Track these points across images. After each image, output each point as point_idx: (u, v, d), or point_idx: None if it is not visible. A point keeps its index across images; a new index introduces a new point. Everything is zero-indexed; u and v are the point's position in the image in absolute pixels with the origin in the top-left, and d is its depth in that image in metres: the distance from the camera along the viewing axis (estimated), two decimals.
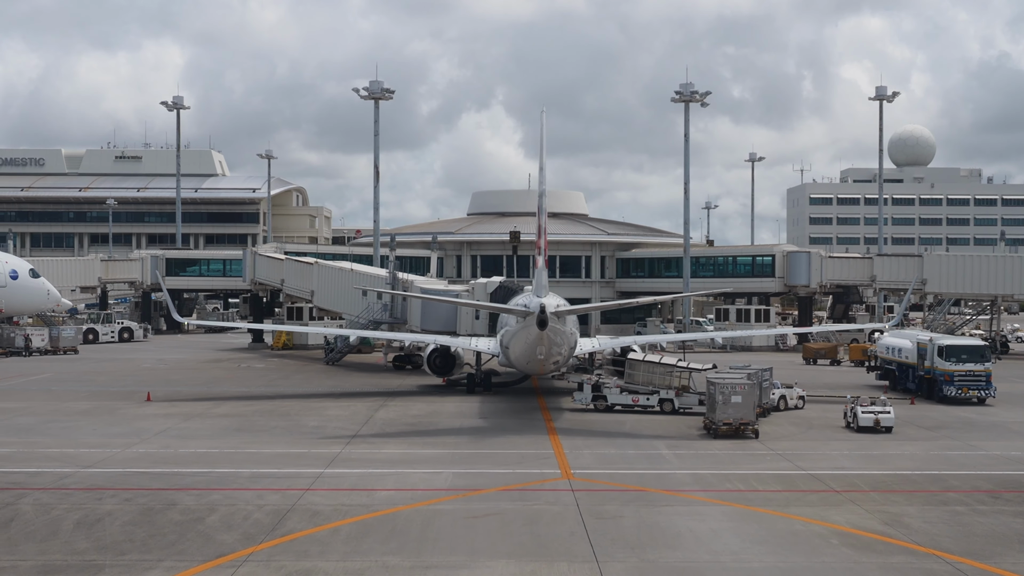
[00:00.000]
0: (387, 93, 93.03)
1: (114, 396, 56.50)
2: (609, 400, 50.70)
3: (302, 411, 50.82)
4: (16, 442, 40.96)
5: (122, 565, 23.82)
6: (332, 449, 39.66)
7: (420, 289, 71.66)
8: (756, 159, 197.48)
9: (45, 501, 30.19)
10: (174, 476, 34.17)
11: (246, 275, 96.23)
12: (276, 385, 63.33)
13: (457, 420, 48.39)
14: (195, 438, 42.31)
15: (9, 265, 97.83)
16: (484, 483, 33.31)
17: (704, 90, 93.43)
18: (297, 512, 28.92)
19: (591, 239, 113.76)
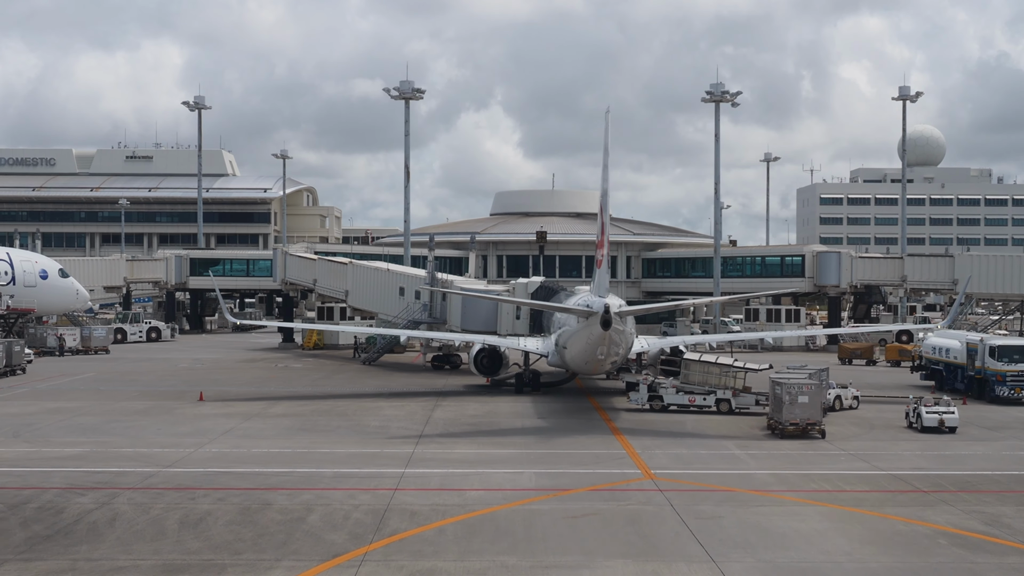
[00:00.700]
0: (417, 93, 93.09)
1: (165, 396, 56.55)
2: (665, 400, 50.73)
3: (358, 411, 50.85)
4: (87, 442, 41.01)
5: (243, 564, 23.85)
6: (404, 449, 39.69)
7: (461, 289, 71.75)
8: (771, 159, 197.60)
9: (140, 501, 30.23)
10: (258, 476, 34.20)
11: (276, 275, 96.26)
12: (322, 385, 63.36)
13: (517, 420, 48.40)
14: (262, 438, 42.35)
15: (39, 265, 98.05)
16: (569, 483, 33.33)
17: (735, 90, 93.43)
18: (395, 512, 28.93)
19: (617, 239, 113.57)
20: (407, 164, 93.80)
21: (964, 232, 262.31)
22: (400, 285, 77.27)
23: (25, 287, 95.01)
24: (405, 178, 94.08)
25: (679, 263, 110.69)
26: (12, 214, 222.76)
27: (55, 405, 52.23)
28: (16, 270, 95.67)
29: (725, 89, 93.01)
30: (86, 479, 33.40)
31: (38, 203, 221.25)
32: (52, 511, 28.87)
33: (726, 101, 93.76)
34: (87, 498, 30.52)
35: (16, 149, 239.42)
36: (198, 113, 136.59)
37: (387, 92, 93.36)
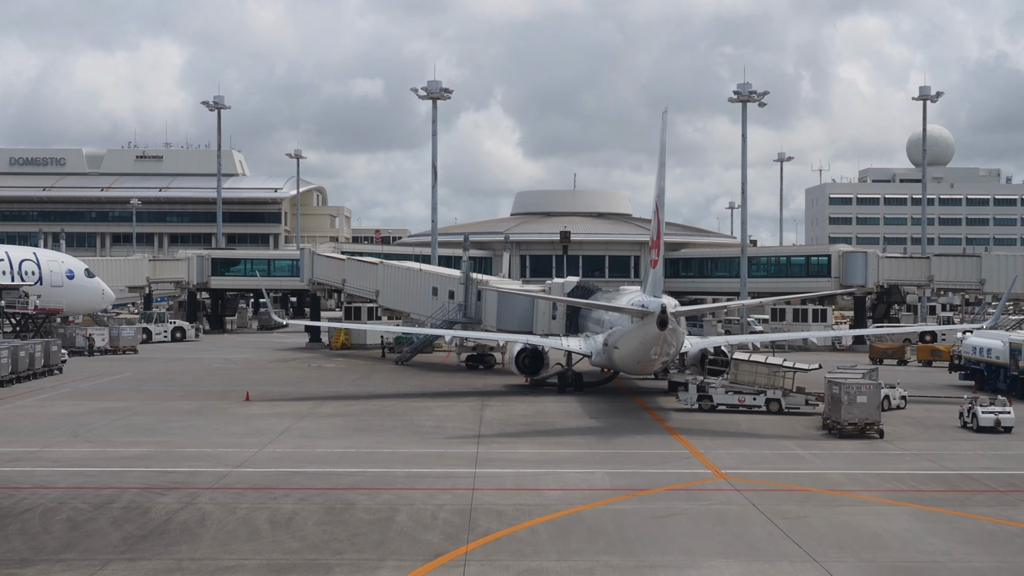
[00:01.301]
0: (445, 93, 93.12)
1: (209, 396, 56.60)
2: (714, 400, 50.76)
3: (407, 411, 50.88)
4: (148, 441, 41.07)
5: (348, 564, 23.90)
6: (467, 449, 39.75)
7: (496, 289, 71.78)
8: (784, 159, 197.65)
9: (223, 501, 30.29)
10: (331, 476, 34.25)
11: (304, 275, 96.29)
12: (362, 385, 63.39)
13: (569, 420, 48.43)
14: (321, 438, 42.38)
15: (65, 265, 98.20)
16: (643, 483, 33.36)
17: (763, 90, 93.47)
18: (480, 512, 28.96)
19: (640, 239, 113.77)
20: (435, 164, 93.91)
21: (973, 232, 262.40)
22: (433, 285, 77.31)
23: (52, 287, 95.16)
24: (432, 178, 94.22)
25: (703, 263, 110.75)
26: (23, 214, 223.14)
27: (103, 405, 52.28)
28: (43, 270, 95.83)
29: (752, 89, 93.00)
30: (161, 479, 33.45)
31: (48, 203, 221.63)
32: (138, 511, 28.92)
33: (753, 101, 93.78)
34: (169, 498, 30.58)
35: (26, 149, 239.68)
36: (217, 113, 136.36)
37: (415, 92, 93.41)
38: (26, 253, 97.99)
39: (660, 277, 47.47)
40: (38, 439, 41.57)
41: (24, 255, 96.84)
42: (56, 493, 31.18)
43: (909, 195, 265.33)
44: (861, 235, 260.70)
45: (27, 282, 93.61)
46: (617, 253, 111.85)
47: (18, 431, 43.78)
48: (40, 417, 47.96)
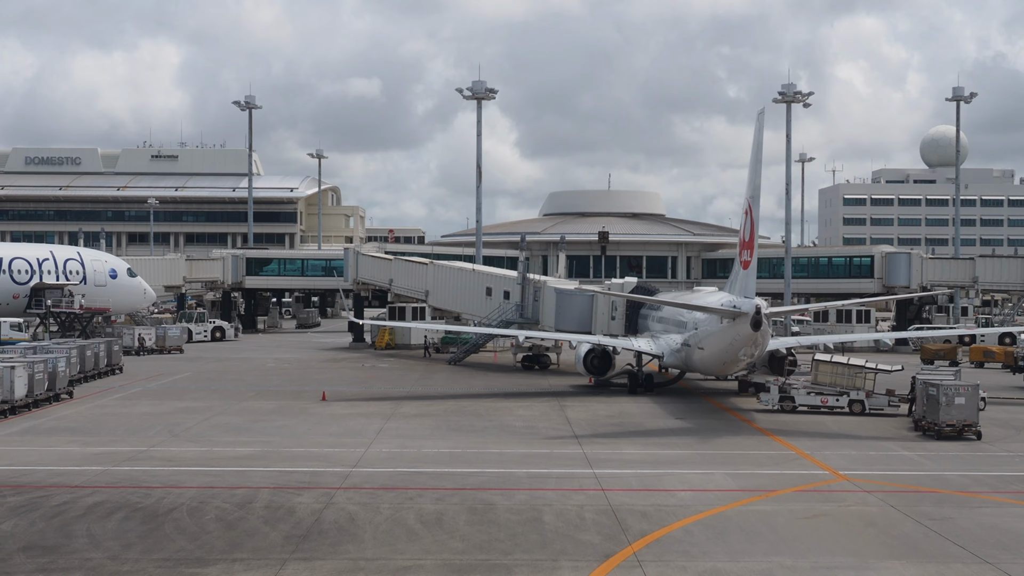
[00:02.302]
0: (490, 93, 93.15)
1: (282, 396, 56.67)
2: (796, 401, 50.79)
3: (489, 411, 50.90)
4: (250, 441, 41.11)
5: (525, 564, 23.92)
6: (571, 449, 39.80)
7: (555, 289, 71.90)
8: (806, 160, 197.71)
9: (361, 500, 30.31)
10: (454, 476, 34.28)
11: (347, 274, 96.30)
12: (428, 385, 63.38)
13: (655, 421, 48.44)
14: (419, 438, 42.40)
15: (108, 264, 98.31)
16: (767, 484, 33.41)
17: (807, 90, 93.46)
18: (624, 512, 28.98)
19: (677, 239, 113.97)
20: (479, 164, 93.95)
21: (987, 233, 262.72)
22: (487, 285, 77.36)
23: (96, 286, 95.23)
24: (477, 178, 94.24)
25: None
26: (39, 213, 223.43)
27: (183, 405, 52.30)
28: (87, 269, 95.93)
29: (797, 90, 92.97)
30: (286, 479, 33.47)
31: (65, 202, 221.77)
32: (283, 510, 28.95)
33: (797, 102, 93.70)
34: (305, 498, 30.61)
35: (41, 148, 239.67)
36: (248, 113, 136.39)
37: (459, 92, 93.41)
38: (70, 252, 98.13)
39: (753, 278, 47.41)
40: (138, 438, 41.61)
41: (68, 254, 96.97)
42: (191, 492, 31.21)
43: (923, 196, 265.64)
44: (875, 236, 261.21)
45: (72, 281, 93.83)
46: (655, 253, 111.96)
47: (114, 430, 43.82)
48: (127, 416, 47.98)
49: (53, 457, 37.25)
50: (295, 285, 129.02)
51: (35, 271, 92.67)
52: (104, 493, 30.98)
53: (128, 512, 28.55)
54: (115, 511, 28.63)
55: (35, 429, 44.21)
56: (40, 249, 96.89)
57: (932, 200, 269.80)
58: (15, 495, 30.61)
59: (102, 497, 30.39)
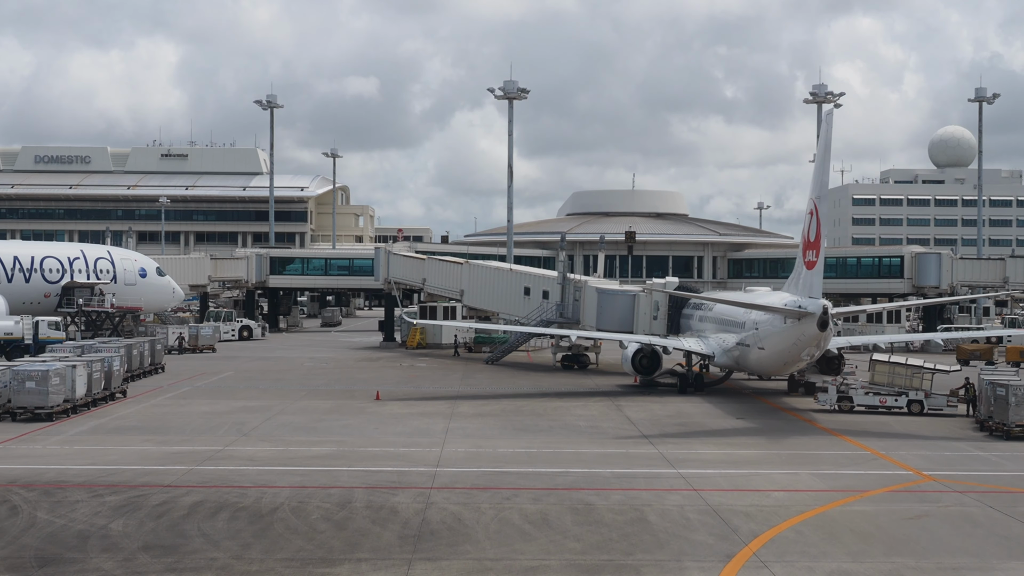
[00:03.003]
0: (522, 93, 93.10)
1: (334, 395, 56.73)
2: (855, 401, 50.79)
3: (548, 411, 50.90)
4: (322, 441, 41.10)
5: (651, 564, 23.92)
6: (646, 449, 39.83)
7: (596, 289, 71.91)
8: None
9: (460, 500, 30.30)
10: (541, 476, 34.27)
11: (379, 274, 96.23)
12: (475, 385, 63.30)
13: (717, 420, 48.44)
14: (489, 437, 42.39)
15: (138, 263, 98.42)
16: (856, 484, 33.43)
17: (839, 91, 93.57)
18: (727, 512, 28.95)
19: (703, 239, 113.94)
20: (510, 164, 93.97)
21: (996, 233, 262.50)
22: (525, 285, 77.36)
23: (126, 285, 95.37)
24: (508, 177, 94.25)
25: (768, 263, 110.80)
26: (49, 212, 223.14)
27: (239, 404, 52.27)
28: (117, 268, 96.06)
29: (829, 91, 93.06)
30: (375, 479, 33.44)
31: (75, 201, 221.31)
32: (386, 510, 28.94)
33: (829, 102, 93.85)
34: (402, 497, 30.60)
35: (51, 147, 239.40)
36: (271, 112, 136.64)
37: (491, 92, 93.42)
38: (101, 252, 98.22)
39: (819, 278, 47.37)
40: (209, 438, 41.60)
41: (99, 253, 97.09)
42: (286, 492, 31.20)
43: (932, 196, 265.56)
44: (884, 236, 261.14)
45: (102, 280, 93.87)
46: (680, 253, 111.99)
47: (181, 430, 43.80)
48: (189, 416, 47.94)
49: (133, 456, 37.22)
50: (319, 284, 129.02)
51: (66, 270, 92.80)
52: (200, 493, 30.96)
53: (232, 512, 28.52)
54: (218, 511, 28.60)
55: (102, 428, 44.20)
56: (71, 248, 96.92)
57: (941, 200, 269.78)
58: (112, 494, 30.58)
59: (199, 497, 30.37)
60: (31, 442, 40.27)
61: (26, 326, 75.90)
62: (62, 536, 25.93)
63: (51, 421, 45.04)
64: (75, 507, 28.96)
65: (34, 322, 76.42)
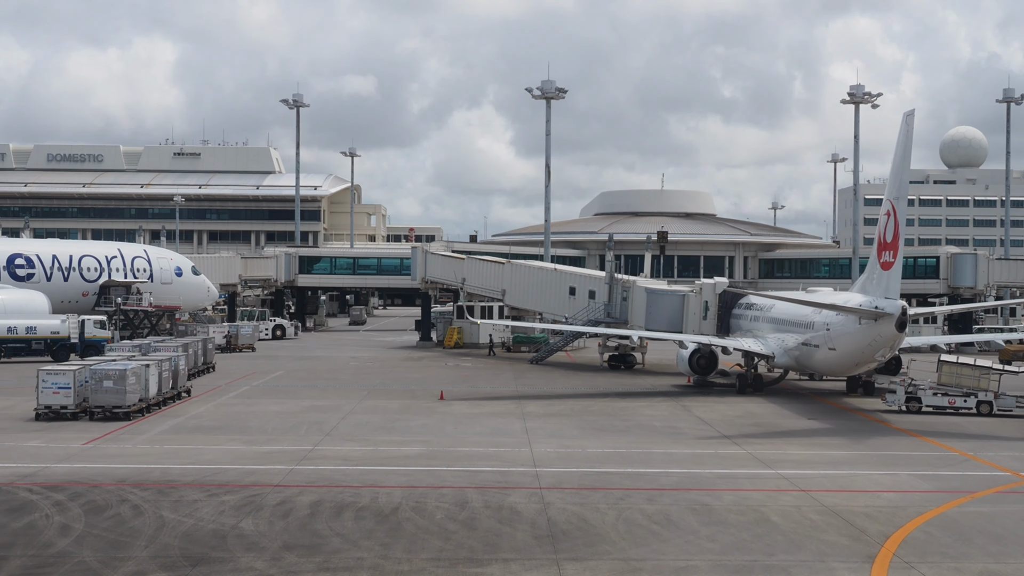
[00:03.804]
0: (560, 92, 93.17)
1: (397, 395, 56.81)
2: (923, 402, 50.82)
3: (617, 411, 50.96)
4: (408, 441, 41.14)
5: (797, 564, 23.94)
6: (732, 449, 39.88)
7: (645, 288, 71.96)
8: (838, 160, 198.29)
9: (575, 500, 30.34)
10: (643, 476, 34.33)
11: (415, 273, 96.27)
12: (531, 385, 63.36)
13: (790, 421, 48.45)
14: (572, 438, 42.43)
15: (174, 262, 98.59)
16: (960, 485, 33.48)
17: (876, 91, 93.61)
18: (846, 513, 28.97)
19: (734, 239, 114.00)
20: (548, 163, 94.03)
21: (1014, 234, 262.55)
22: (571, 284, 77.43)
23: (162, 284, 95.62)
24: (546, 177, 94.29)
25: (799, 264, 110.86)
26: (62, 210, 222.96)
27: (307, 403, 52.31)
28: (153, 267, 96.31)
29: (867, 91, 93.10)
30: (479, 478, 33.46)
31: (88, 199, 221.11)
32: (507, 510, 28.98)
33: (866, 102, 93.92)
34: (516, 497, 30.64)
35: (64, 145, 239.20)
36: (296, 111, 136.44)
37: (529, 92, 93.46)
38: (137, 250, 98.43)
39: (896, 278, 47.37)
40: (294, 438, 41.68)
41: (136, 252, 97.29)
42: (399, 492, 31.23)
43: (944, 196, 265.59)
44: None
45: (139, 279, 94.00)
46: (712, 253, 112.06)
47: (262, 429, 43.84)
48: (262, 415, 47.95)
49: (228, 456, 37.27)
50: (347, 284, 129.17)
51: (104, 269, 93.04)
52: (313, 492, 31.01)
53: (355, 512, 28.56)
54: (341, 510, 28.63)
55: (182, 427, 44.25)
56: (108, 247, 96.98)
57: (952, 201, 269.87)
58: (227, 494, 30.63)
59: (315, 496, 30.41)
60: (119, 441, 40.34)
61: (72, 325, 76.07)
62: (198, 535, 25.97)
63: (128, 420, 45.11)
64: (195, 506, 29.00)
65: (80, 321, 76.57)
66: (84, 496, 30.07)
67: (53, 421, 44.93)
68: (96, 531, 26.22)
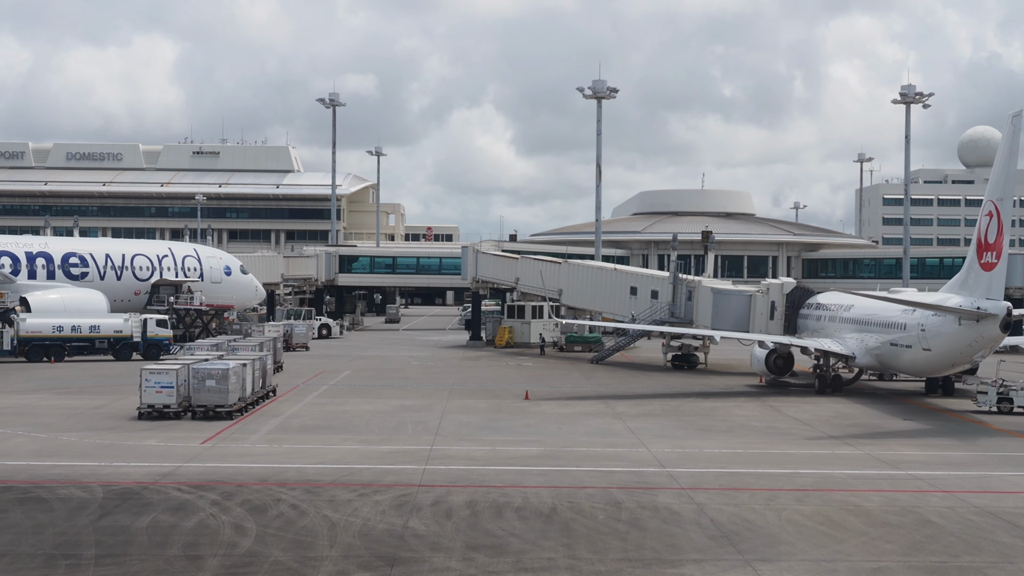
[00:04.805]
0: (611, 92, 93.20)
1: (480, 394, 56.90)
2: (1015, 403, 50.73)
3: (707, 411, 51.00)
4: (522, 440, 41.18)
5: (992, 566, 23.93)
6: (846, 450, 39.85)
7: (711, 288, 71.95)
8: (864, 159, 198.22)
9: (725, 500, 30.36)
10: (774, 477, 34.41)
11: (466, 273, 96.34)
12: (605, 384, 63.37)
13: (886, 422, 48.23)
14: (678, 437, 42.46)
15: (223, 261, 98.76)
16: None
17: (928, 91, 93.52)
18: (1009, 515, 28.93)
19: (778, 239, 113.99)
20: (599, 163, 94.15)
21: None
22: (632, 284, 77.44)
23: (212, 283, 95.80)
24: (597, 176, 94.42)
25: (845, 263, 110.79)
26: (82, 208, 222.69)
27: (396, 403, 52.33)
28: (204, 266, 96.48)
29: (918, 91, 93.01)
30: (616, 479, 33.49)
31: (108, 198, 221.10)
32: (666, 511, 29.00)
33: (917, 102, 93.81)
34: (665, 498, 30.65)
35: (83, 144, 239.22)
36: (332, 110, 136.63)
37: (580, 92, 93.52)
38: (187, 249, 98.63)
39: (1000, 280, 47.28)
40: (405, 437, 41.82)
41: (186, 251, 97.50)
42: (546, 492, 31.27)
43: (963, 196, 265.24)
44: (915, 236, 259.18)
45: (190, 278, 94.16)
46: (755, 253, 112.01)
47: (368, 429, 43.89)
48: (360, 415, 47.96)
49: (354, 456, 37.33)
50: (386, 283, 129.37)
51: (155, 268, 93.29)
52: (462, 492, 31.05)
53: (515, 512, 28.59)
54: (500, 510, 28.67)
55: (287, 427, 44.32)
56: (159, 246, 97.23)
57: (971, 201, 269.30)
58: (376, 494, 30.67)
59: (465, 496, 30.45)
60: (233, 440, 40.40)
61: (134, 324, 76.24)
62: (374, 535, 26.00)
63: (231, 420, 45.17)
64: (352, 506, 29.04)
65: (142, 320, 76.72)
66: (237, 495, 30.12)
67: (156, 420, 44.99)
68: (271, 531, 26.26)
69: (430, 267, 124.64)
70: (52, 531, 26.06)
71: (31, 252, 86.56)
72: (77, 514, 27.79)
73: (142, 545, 24.91)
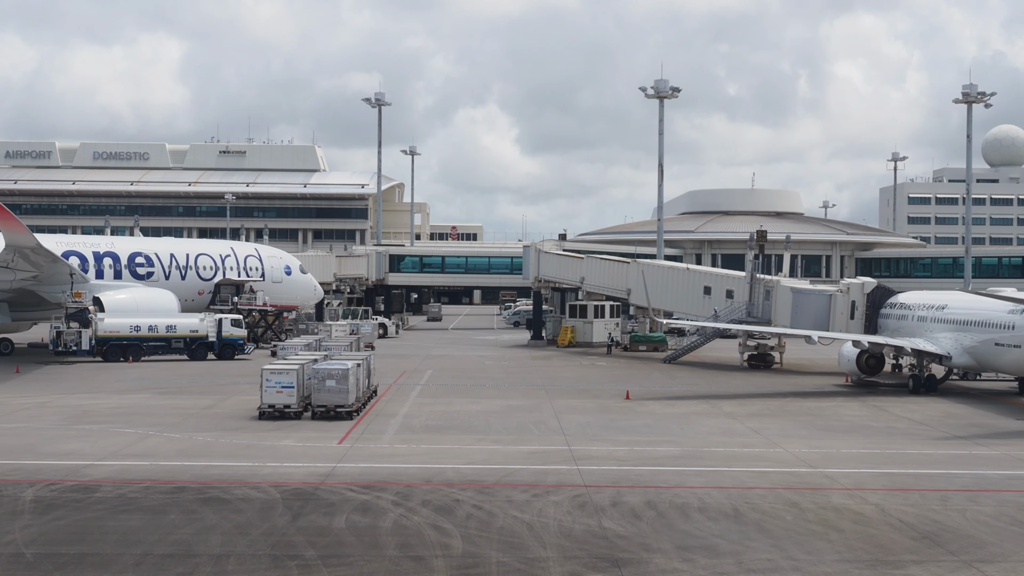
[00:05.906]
0: (674, 92, 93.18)
1: (576, 394, 57.06)
2: None
3: (815, 411, 51.01)
4: (654, 441, 41.25)
5: None
6: (980, 450, 39.85)
7: (790, 288, 71.91)
8: (899, 158, 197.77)
9: (902, 502, 30.35)
10: (932, 477, 34.44)
11: (528, 272, 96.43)
12: (690, 384, 63.38)
13: (998, 421, 48.16)
14: (803, 437, 42.43)
15: (283, 261, 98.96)
16: None
17: (990, 91, 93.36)
18: None
19: (831, 239, 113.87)
20: (661, 163, 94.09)
21: None
22: (706, 284, 77.46)
23: (273, 283, 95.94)
24: (659, 175, 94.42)
25: (899, 263, 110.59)
26: (110, 208, 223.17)
27: (500, 403, 52.45)
28: (265, 266, 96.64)
29: (980, 91, 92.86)
30: (775, 479, 33.56)
31: (136, 197, 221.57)
32: (850, 512, 29.02)
33: (979, 102, 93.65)
34: (838, 499, 30.72)
35: (110, 143, 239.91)
36: (378, 110, 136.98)
37: (643, 91, 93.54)
38: (249, 249, 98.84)
39: None
40: (531, 437, 42.03)
41: (247, 251, 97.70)
42: (716, 493, 31.30)
43: (988, 195, 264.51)
44: (939, 235, 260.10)
45: (252, 278, 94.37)
46: (809, 252, 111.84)
47: (489, 429, 43.94)
48: (473, 415, 48.05)
49: (499, 456, 37.48)
50: (436, 282, 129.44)
51: (218, 267, 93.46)
52: (633, 493, 31.16)
53: (698, 511, 28.68)
54: (684, 511, 28.77)
55: (410, 427, 44.45)
56: (222, 245, 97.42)
57: (996, 199, 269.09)
58: (548, 494, 30.77)
59: (640, 497, 30.54)
60: (368, 441, 40.56)
61: (209, 324, 76.52)
62: (575, 535, 26.09)
63: (351, 420, 45.30)
64: (532, 505, 29.16)
65: (217, 320, 76.98)
66: (413, 496, 30.24)
67: (277, 420, 45.13)
68: (471, 531, 26.35)
69: (478, 267, 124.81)
70: (257, 531, 26.18)
71: (98, 252, 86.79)
72: (268, 515, 27.90)
73: (354, 545, 25.02)
